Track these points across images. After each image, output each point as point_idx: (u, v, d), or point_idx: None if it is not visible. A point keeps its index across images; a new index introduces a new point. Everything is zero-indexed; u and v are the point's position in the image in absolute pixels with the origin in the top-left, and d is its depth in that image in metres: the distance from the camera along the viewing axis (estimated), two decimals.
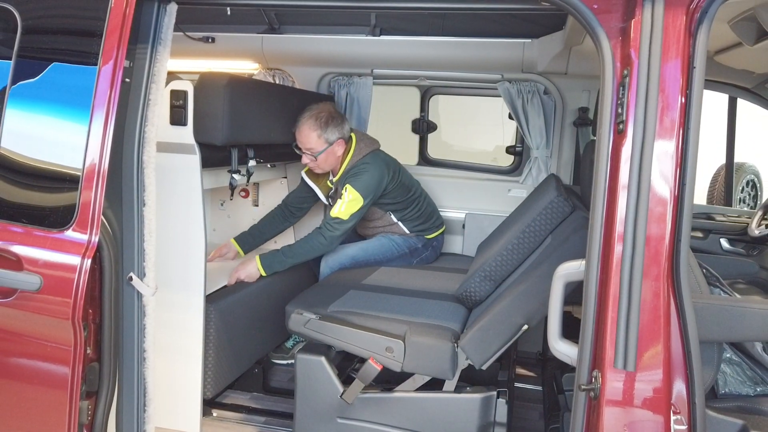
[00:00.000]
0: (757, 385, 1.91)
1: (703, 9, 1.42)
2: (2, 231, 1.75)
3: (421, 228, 3.37)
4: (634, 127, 1.42)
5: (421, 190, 3.47)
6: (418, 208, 3.35)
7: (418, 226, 3.35)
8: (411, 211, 3.32)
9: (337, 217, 2.97)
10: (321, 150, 3.06)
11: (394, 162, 3.31)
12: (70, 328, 1.68)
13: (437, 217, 3.50)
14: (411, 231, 3.34)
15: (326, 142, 3.05)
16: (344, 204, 2.98)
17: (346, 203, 2.98)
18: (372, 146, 3.21)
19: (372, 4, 1.82)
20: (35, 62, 1.78)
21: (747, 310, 1.57)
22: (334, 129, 3.05)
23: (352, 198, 2.99)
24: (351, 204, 2.98)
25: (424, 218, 3.37)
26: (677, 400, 1.45)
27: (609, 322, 1.43)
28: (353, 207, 2.99)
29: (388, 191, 3.18)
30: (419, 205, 3.36)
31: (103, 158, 1.68)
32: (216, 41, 3.46)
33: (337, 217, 2.97)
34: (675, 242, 1.43)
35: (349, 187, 3.00)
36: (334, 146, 3.08)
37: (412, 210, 3.32)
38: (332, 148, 3.08)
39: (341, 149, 3.12)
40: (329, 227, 2.96)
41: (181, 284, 2.48)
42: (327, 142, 3.05)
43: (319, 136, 3.03)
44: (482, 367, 2.21)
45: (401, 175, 3.29)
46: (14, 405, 1.79)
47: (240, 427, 2.68)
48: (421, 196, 3.42)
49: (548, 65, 3.18)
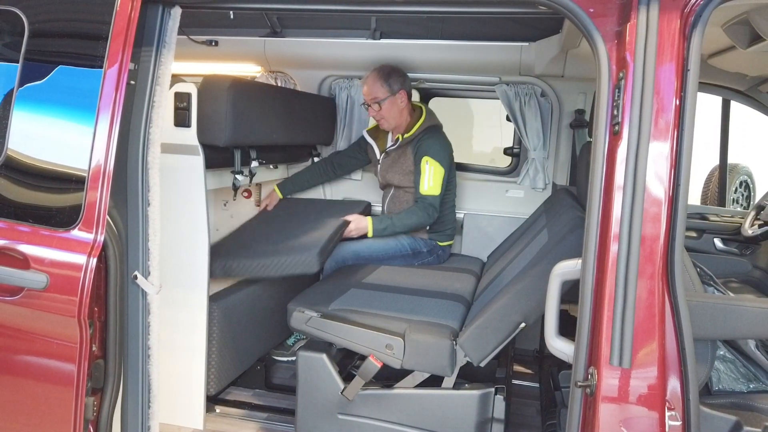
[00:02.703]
0: (750, 382, 1.92)
1: (697, 13, 1.44)
2: (9, 230, 1.77)
3: (437, 230, 3.37)
4: (629, 128, 1.43)
5: (455, 194, 3.53)
6: (447, 207, 3.38)
7: (437, 227, 3.37)
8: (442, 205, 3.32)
9: (429, 195, 3.14)
10: (384, 98, 3.21)
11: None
12: (76, 326, 1.69)
13: (453, 227, 3.50)
14: (430, 227, 3.35)
15: (389, 91, 3.20)
16: (431, 178, 3.13)
17: (432, 177, 3.13)
18: (437, 122, 3.38)
19: (372, 7, 1.83)
20: (42, 65, 1.80)
21: (740, 308, 1.58)
22: (397, 79, 3.22)
23: (434, 170, 3.14)
24: (436, 176, 3.14)
25: (445, 222, 3.38)
26: (672, 397, 1.46)
27: (605, 320, 1.44)
28: (438, 177, 3.15)
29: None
30: (449, 205, 3.40)
31: (108, 159, 1.69)
32: (219, 44, 3.48)
33: (429, 195, 3.14)
34: (669, 242, 1.44)
35: (428, 159, 3.14)
36: (396, 97, 3.23)
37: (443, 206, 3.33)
38: (395, 98, 3.23)
39: (404, 102, 3.27)
40: (429, 207, 3.13)
41: (185, 283, 2.49)
42: (390, 91, 3.21)
43: (382, 84, 3.20)
44: (480, 364, 2.22)
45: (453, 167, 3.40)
46: (22, 401, 1.81)
47: (242, 423, 2.70)
48: (453, 198, 3.48)
49: (545, 68, 3.20)
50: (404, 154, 3.32)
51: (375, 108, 3.26)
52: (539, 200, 3.51)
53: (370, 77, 3.24)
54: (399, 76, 3.24)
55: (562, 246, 2.14)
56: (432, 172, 3.14)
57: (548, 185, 3.67)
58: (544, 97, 3.56)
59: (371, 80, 3.24)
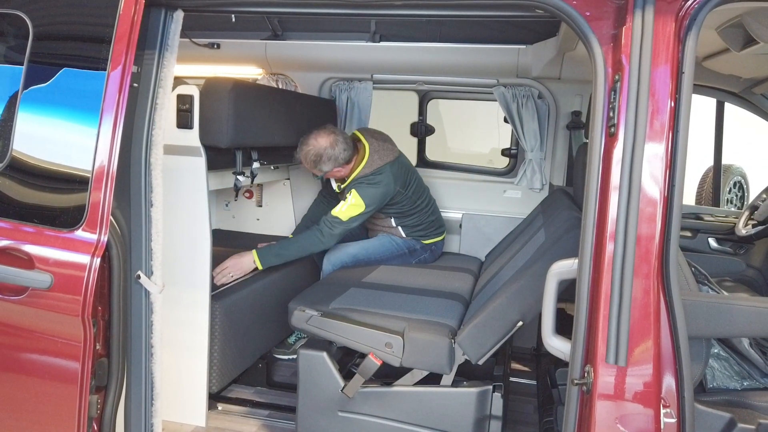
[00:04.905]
0: (744, 380, 1.93)
1: (692, 16, 1.45)
2: (14, 231, 1.77)
3: (419, 234, 3.40)
4: (625, 130, 1.44)
5: (430, 199, 3.49)
6: (420, 216, 3.38)
7: (416, 232, 3.39)
8: (412, 218, 3.36)
9: (337, 217, 3.02)
10: (321, 176, 3.19)
11: (408, 173, 3.31)
12: (80, 325, 1.70)
13: (439, 225, 3.52)
14: (407, 235, 3.38)
15: (321, 171, 3.11)
16: (346, 206, 3.03)
17: (348, 206, 3.03)
18: (386, 159, 3.18)
19: (372, 11, 1.84)
20: (46, 67, 1.80)
21: (734, 307, 1.60)
22: (327, 162, 3.05)
23: (354, 203, 3.04)
24: (352, 208, 3.03)
25: (424, 226, 3.41)
26: (667, 394, 1.46)
27: (601, 319, 1.44)
28: (354, 211, 3.03)
29: (395, 202, 3.24)
30: (422, 213, 3.39)
31: (111, 160, 1.70)
32: (221, 47, 3.50)
33: (337, 217, 3.01)
34: (665, 241, 1.45)
35: (354, 192, 3.05)
36: (332, 171, 3.14)
37: (414, 218, 3.36)
38: (332, 173, 3.16)
39: (345, 169, 3.15)
40: (328, 224, 3.01)
41: (187, 282, 2.51)
42: (322, 171, 3.11)
43: (314, 169, 3.11)
44: (478, 362, 2.24)
45: (412, 186, 3.31)
46: (26, 399, 1.81)
47: (244, 420, 2.71)
48: (427, 205, 3.44)
49: (542, 70, 3.22)
50: None
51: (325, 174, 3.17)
52: (536, 200, 3.54)
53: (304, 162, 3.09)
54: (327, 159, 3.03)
55: (559, 246, 2.15)
56: (350, 204, 3.03)
57: (545, 186, 3.69)
58: (541, 99, 3.58)
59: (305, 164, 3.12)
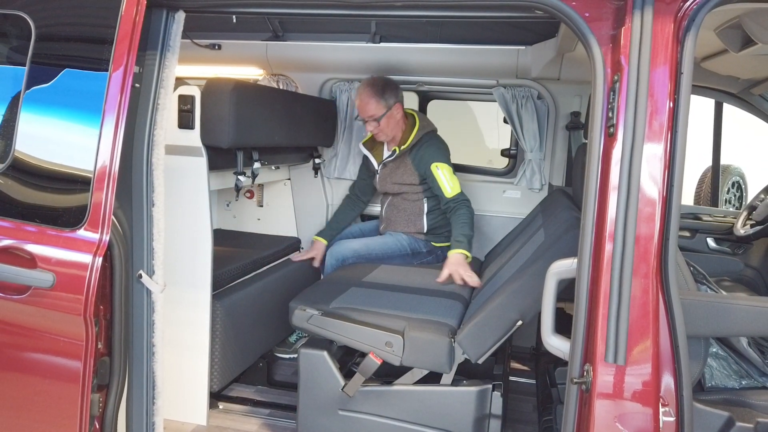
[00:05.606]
0: (743, 379, 1.95)
1: (691, 17, 1.45)
2: (17, 230, 1.78)
3: (437, 231, 3.38)
4: (624, 130, 1.44)
5: None
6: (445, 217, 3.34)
7: (436, 228, 3.37)
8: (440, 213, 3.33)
9: (455, 194, 3.15)
10: (382, 114, 3.19)
11: None
12: (81, 324, 1.71)
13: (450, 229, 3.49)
14: (427, 230, 3.36)
15: (385, 106, 3.18)
16: (447, 180, 3.16)
17: (447, 178, 3.16)
18: (432, 127, 3.38)
19: (372, 12, 1.85)
20: (48, 68, 1.80)
21: (732, 306, 1.61)
22: (391, 93, 3.20)
23: (446, 172, 3.18)
24: (449, 176, 3.17)
25: (444, 225, 3.36)
26: (665, 393, 1.47)
27: (600, 318, 1.45)
28: (452, 176, 3.19)
29: None
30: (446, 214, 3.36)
31: (113, 160, 1.71)
32: (222, 48, 3.50)
33: (455, 195, 3.15)
34: (663, 241, 1.46)
35: (436, 164, 3.18)
36: (393, 110, 3.21)
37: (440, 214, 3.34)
38: (391, 112, 3.21)
39: (400, 114, 3.26)
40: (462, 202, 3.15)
41: (188, 281, 2.52)
42: (386, 106, 3.19)
43: (377, 101, 3.18)
44: (478, 361, 2.24)
45: None
46: (29, 397, 1.82)
47: (245, 418, 2.73)
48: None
49: (541, 71, 3.22)
50: (403, 164, 3.33)
51: (373, 125, 3.24)
52: (536, 201, 3.55)
53: (364, 94, 3.20)
54: (393, 89, 3.21)
55: (558, 245, 2.15)
56: (446, 175, 3.17)
57: (545, 186, 3.70)
58: (541, 100, 3.59)
59: (365, 97, 3.19)
